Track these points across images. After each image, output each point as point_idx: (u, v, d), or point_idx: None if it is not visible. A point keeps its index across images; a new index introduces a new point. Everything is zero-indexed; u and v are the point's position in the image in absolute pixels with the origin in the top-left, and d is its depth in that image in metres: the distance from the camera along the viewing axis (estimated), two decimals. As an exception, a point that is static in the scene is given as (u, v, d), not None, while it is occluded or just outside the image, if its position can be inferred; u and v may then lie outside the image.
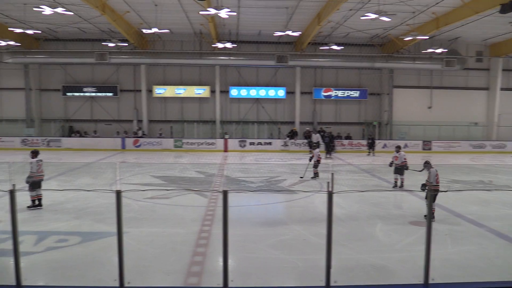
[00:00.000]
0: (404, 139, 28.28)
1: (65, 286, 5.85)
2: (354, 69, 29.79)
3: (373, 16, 17.13)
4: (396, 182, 13.87)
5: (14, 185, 5.47)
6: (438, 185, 9.66)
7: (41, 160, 10.69)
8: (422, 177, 10.17)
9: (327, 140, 25.49)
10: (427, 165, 10.01)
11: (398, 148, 14.10)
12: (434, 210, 9.19)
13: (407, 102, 29.84)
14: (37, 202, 10.54)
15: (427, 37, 22.64)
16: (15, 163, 17.73)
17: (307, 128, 28.37)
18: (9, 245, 5.97)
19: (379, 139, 28.43)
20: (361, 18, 18.35)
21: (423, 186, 9.55)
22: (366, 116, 30.62)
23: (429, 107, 30.28)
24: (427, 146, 27.95)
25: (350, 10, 20.53)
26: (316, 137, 25.76)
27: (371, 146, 25.98)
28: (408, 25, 22.97)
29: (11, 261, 5.89)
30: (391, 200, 12.18)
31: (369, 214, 10.28)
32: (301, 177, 15.53)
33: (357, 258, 7.17)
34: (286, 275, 6.56)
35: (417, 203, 11.43)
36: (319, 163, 15.67)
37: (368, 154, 25.98)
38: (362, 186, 14.19)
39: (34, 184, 10.44)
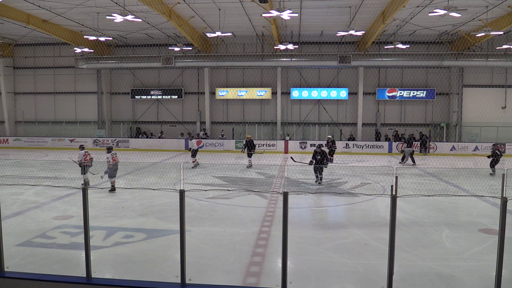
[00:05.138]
0: (475, 141, 26.72)
1: (130, 280, 6.11)
2: (420, 68, 28.63)
3: (442, 12, 16.33)
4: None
5: (86, 183, 5.80)
6: (116, 162, 12.86)
7: None
8: (493, 182, 9.55)
9: (319, 156, 15.23)
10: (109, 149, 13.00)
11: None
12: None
13: (479, 102, 28.06)
14: None
15: (502, 33, 21.20)
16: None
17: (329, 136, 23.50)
18: (80, 239, 6.37)
19: (447, 141, 27.17)
20: (429, 14, 17.57)
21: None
22: (433, 117, 29.29)
23: (503, 107, 28.35)
24: (500, 149, 26.11)
25: (417, 6, 19.74)
26: (191, 143, 20.52)
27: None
28: (481, 20, 21.65)
29: (82, 254, 6.28)
30: (460, 206, 11.54)
31: (434, 220, 9.81)
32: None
33: (421, 265, 6.88)
34: (345, 280, 6.43)
35: (489, 210, 10.75)
36: None
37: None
38: (428, 191, 13.57)
39: None
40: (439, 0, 18.09)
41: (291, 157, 14.82)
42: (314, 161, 14.78)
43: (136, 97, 30.92)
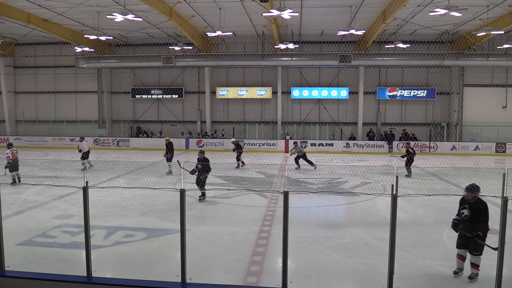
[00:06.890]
0: (475, 141, 26.71)
1: (130, 279, 6.11)
2: (421, 68, 28.58)
3: (442, 11, 16.33)
4: None
5: (87, 182, 5.80)
6: (16, 158, 13.78)
7: None
8: (494, 181, 9.52)
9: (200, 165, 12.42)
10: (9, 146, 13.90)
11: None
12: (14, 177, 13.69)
13: (479, 101, 28.00)
14: None
15: (502, 32, 21.17)
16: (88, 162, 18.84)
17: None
18: (81, 238, 6.37)
19: (448, 141, 27.21)
20: (430, 14, 17.57)
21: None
22: (433, 116, 29.26)
23: (504, 107, 28.33)
24: (501, 148, 26.18)
25: (418, 6, 19.71)
26: (81, 145, 18.20)
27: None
28: (481, 20, 21.62)
29: (82, 253, 6.29)
30: (460, 205, 11.52)
31: (435, 219, 9.80)
32: None
33: (421, 265, 6.87)
34: (346, 279, 6.43)
35: (490, 209, 10.72)
36: None
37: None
38: (428, 190, 13.57)
39: None
40: (440, -1, 18.10)
41: (178, 160, 12.42)
42: (196, 170, 11.90)
43: (136, 96, 30.92)
